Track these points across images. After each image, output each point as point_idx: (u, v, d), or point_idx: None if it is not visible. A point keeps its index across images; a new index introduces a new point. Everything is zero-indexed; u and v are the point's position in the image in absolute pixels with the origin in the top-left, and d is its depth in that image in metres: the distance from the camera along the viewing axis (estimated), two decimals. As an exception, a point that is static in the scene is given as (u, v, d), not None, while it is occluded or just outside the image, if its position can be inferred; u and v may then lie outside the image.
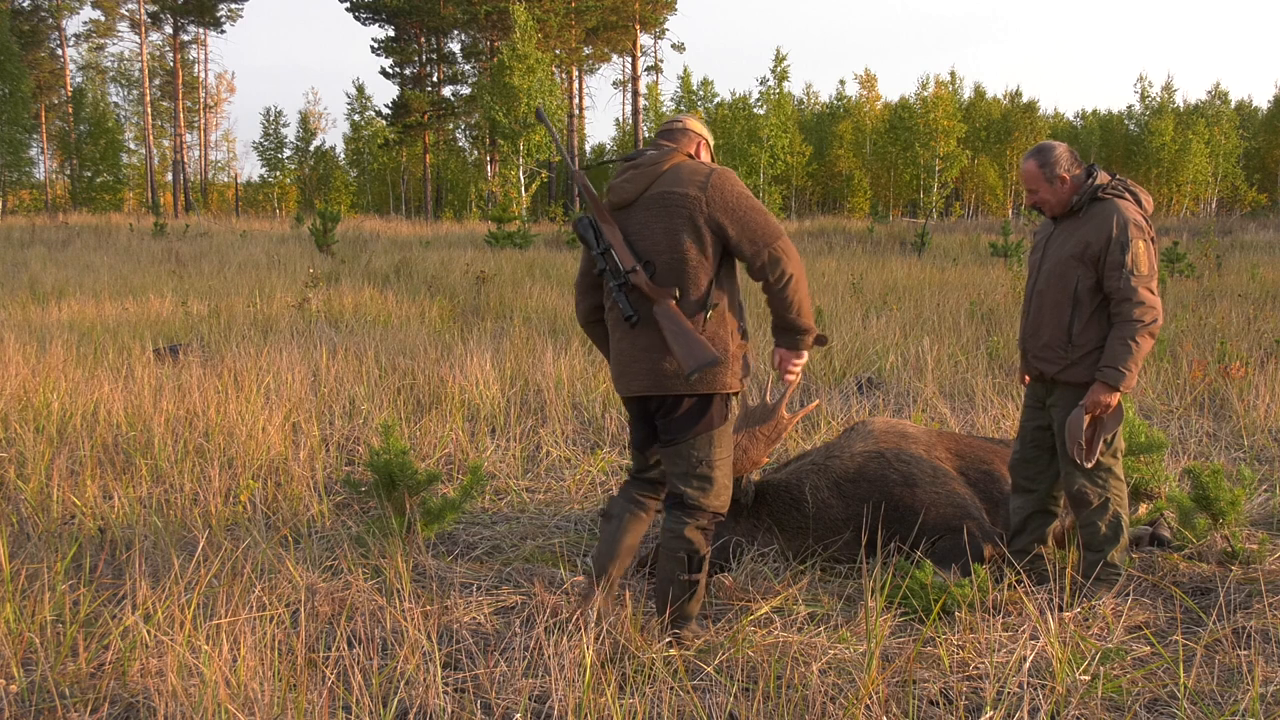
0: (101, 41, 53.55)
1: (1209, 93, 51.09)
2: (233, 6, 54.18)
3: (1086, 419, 3.56)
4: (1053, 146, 3.69)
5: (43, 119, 49.98)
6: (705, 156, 3.38)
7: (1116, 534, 3.69)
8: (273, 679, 2.82)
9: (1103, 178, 3.65)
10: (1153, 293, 3.49)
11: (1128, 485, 4.28)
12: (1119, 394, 3.51)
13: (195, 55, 56.66)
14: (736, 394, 3.28)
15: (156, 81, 54.08)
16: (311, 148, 53.13)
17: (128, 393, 6.21)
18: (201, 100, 57.19)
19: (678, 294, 3.08)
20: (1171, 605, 3.70)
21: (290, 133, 53.54)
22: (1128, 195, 3.65)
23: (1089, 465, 3.59)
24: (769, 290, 3.15)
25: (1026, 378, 3.90)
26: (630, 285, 3.10)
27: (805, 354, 3.23)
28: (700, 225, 3.09)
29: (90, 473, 4.83)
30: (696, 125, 3.37)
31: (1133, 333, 3.47)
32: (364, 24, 51.27)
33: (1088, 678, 2.99)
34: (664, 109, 51.25)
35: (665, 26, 53.88)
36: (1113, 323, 3.54)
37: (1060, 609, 3.56)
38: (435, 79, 51.97)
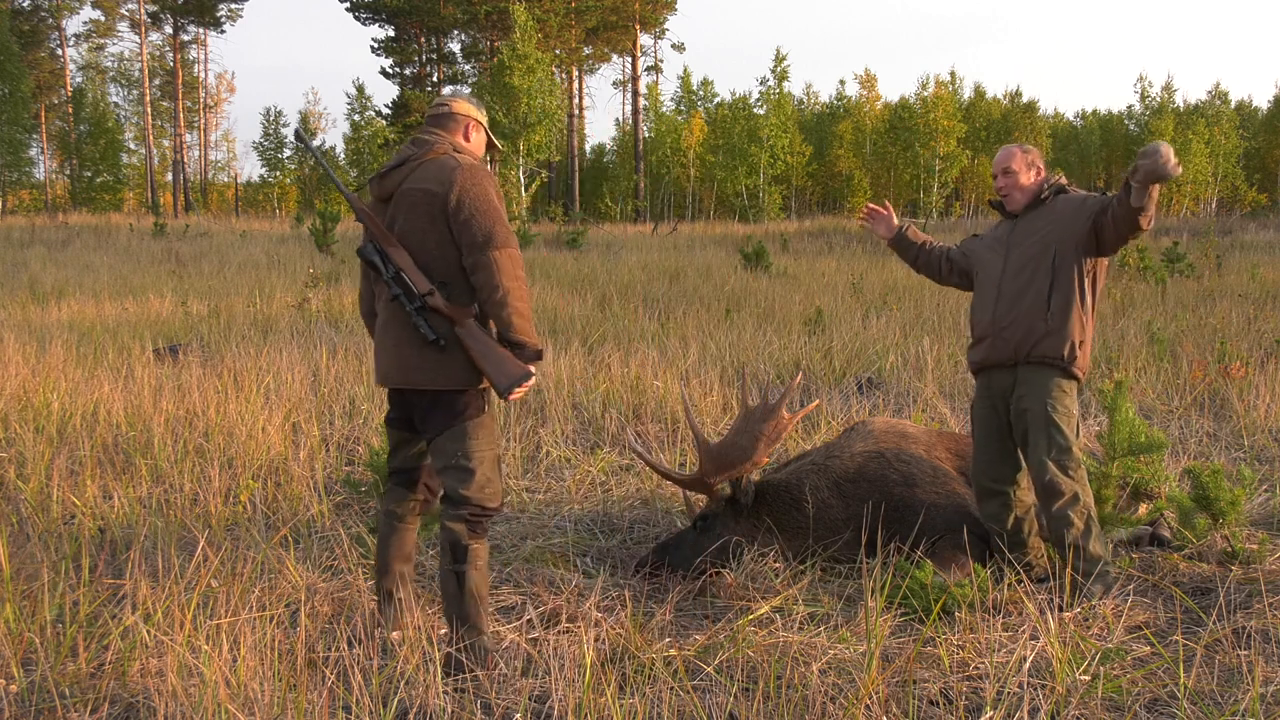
0: (101, 41, 53.56)
1: (1209, 93, 51.06)
2: (233, 6, 54.19)
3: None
4: (1032, 147, 4.00)
5: (43, 119, 49.95)
6: (476, 138, 3.28)
7: (1089, 524, 3.72)
8: (273, 679, 2.82)
9: (1060, 178, 3.95)
10: None
11: (1126, 485, 4.29)
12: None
13: (195, 55, 56.67)
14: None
15: (156, 81, 54.07)
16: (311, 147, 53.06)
17: (128, 393, 6.21)
18: (201, 100, 57.18)
19: (477, 310, 3.02)
20: (1171, 605, 3.70)
21: (290, 133, 53.39)
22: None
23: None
24: (481, 302, 3.04)
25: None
26: (429, 308, 3.03)
27: (533, 372, 3.05)
28: (445, 224, 3.04)
29: (90, 473, 4.83)
30: (464, 107, 3.26)
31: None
32: (364, 24, 51.28)
33: (1088, 678, 2.99)
34: (664, 109, 51.27)
35: (665, 26, 53.88)
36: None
37: (1060, 609, 3.56)
38: (435, 79, 51.99)
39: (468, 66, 52.08)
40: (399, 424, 3.31)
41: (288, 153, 53.10)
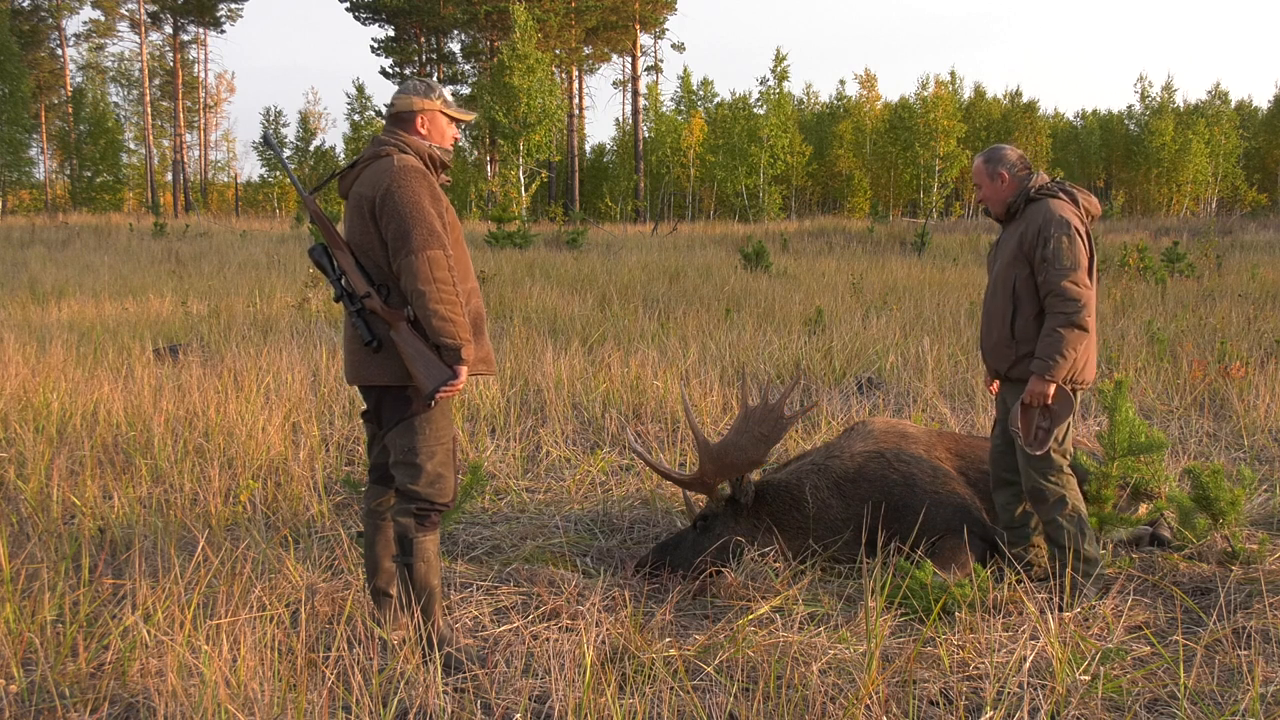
0: (101, 41, 53.59)
1: (1209, 93, 51.09)
2: (233, 6, 54.24)
3: (1023, 409, 3.67)
4: (1002, 147, 3.87)
5: (43, 119, 49.99)
6: (430, 126, 3.25)
7: (1081, 527, 3.73)
8: (273, 679, 2.82)
9: (1039, 179, 3.77)
10: (1076, 285, 3.56)
11: (1126, 485, 4.28)
12: (1053, 384, 3.59)
13: (195, 55, 56.71)
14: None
15: (156, 81, 54.09)
16: (311, 148, 53.11)
17: (128, 393, 6.21)
18: (201, 100, 57.20)
19: (411, 315, 3.05)
20: (1171, 605, 3.70)
21: (290, 133, 53.30)
22: (1062, 195, 3.76)
23: (1038, 454, 3.64)
24: (409, 303, 3.06)
25: (994, 385, 4.01)
26: (366, 310, 3.08)
27: (463, 371, 3.05)
28: (377, 227, 3.07)
29: (90, 473, 4.83)
30: (405, 101, 3.23)
31: (1057, 323, 3.58)
32: (364, 24, 51.33)
33: (1088, 678, 2.99)
34: (664, 109, 51.27)
35: (665, 26, 53.97)
36: (1045, 316, 3.65)
37: (1060, 609, 3.56)
38: (435, 79, 51.94)
39: (468, 66, 52.13)
40: (370, 419, 3.35)
41: (287, 153, 53.13)
